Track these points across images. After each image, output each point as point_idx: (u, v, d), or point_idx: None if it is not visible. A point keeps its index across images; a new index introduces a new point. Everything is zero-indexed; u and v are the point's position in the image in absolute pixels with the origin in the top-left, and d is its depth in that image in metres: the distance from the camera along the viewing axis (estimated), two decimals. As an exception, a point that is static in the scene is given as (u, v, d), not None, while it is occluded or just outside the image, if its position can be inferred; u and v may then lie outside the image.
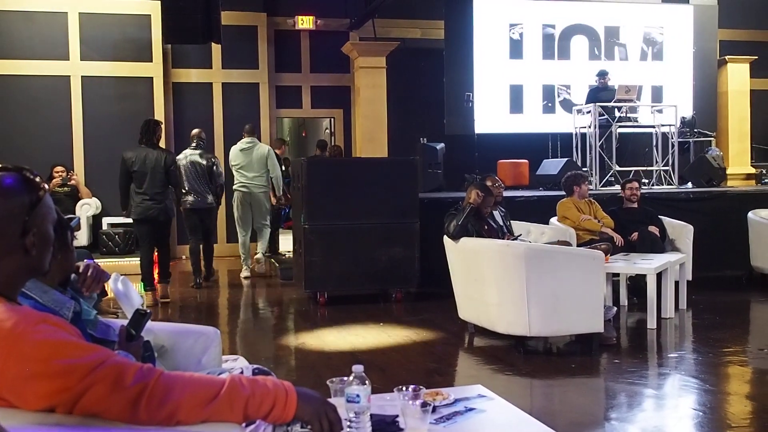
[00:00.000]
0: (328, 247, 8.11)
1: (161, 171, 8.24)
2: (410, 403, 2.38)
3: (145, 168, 8.21)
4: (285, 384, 1.85)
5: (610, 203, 8.82)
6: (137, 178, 8.23)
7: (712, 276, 9.00)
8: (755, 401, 4.96)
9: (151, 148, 8.31)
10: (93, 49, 12.29)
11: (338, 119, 14.21)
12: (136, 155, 8.25)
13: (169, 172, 8.32)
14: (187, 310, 8.35)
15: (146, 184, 8.20)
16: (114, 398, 1.65)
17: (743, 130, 14.86)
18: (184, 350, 3.09)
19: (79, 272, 2.62)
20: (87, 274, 2.62)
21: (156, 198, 8.23)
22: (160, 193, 8.27)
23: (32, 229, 1.79)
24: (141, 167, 8.21)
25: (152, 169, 8.20)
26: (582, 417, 4.62)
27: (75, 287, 2.57)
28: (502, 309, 5.97)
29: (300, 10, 13.56)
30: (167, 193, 8.41)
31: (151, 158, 8.23)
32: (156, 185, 8.23)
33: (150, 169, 8.20)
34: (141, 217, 8.28)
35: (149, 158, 8.22)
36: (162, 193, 8.29)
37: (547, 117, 13.58)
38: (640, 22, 14.08)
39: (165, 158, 8.32)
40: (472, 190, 6.51)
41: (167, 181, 8.33)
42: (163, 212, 8.31)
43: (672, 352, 6.30)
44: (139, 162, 8.21)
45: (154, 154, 8.26)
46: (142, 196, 8.22)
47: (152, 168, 8.21)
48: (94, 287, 2.64)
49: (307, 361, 6.14)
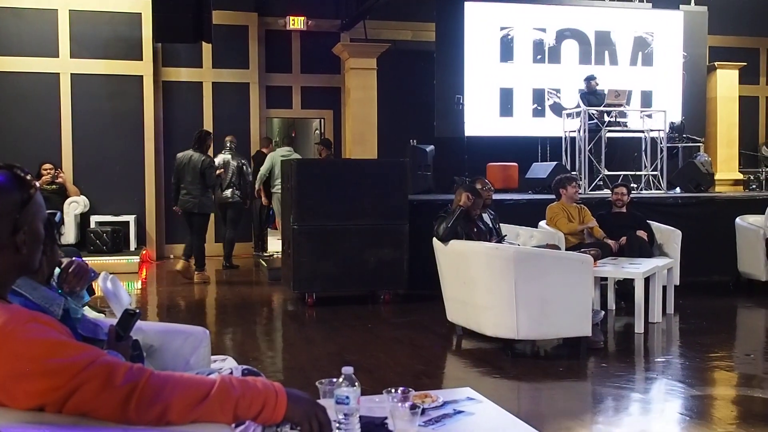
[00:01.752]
0: (317, 248, 8.10)
1: (198, 172, 9.68)
2: (399, 405, 2.38)
3: (186, 168, 9.74)
4: (275, 385, 1.85)
5: (599, 207, 8.85)
6: (181, 176, 9.80)
7: (700, 281, 9.03)
8: (741, 406, 4.98)
9: (196, 153, 9.79)
10: (83, 46, 12.24)
11: (328, 120, 14.21)
12: (182, 157, 9.87)
13: (204, 174, 9.72)
14: (176, 310, 8.33)
15: (186, 181, 9.73)
16: (104, 398, 1.64)
17: (731, 136, 14.94)
18: (173, 350, 3.08)
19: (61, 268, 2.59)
20: (69, 270, 2.60)
21: (192, 193, 9.74)
22: (197, 190, 9.71)
23: (23, 227, 1.79)
24: (184, 167, 9.76)
25: (191, 170, 9.70)
26: (569, 420, 4.62)
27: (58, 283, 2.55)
28: (491, 312, 5.97)
29: (291, 10, 13.55)
30: (204, 190, 9.80)
31: (192, 161, 9.73)
32: (193, 183, 9.71)
33: (190, 170, 9.71)
34: (181, 208, 9.93)
35: (192, 161, 9.73)
36: (198, 189, 9.73)
37: (537, 121, 13.61)
38: (631, 28, 14.13)
39: (202, 162, 9.75)
40: (461, 193, 6.52)
41: (204, 180, 9.71)
42: (197, 206, 9.77)
43: (659, 356, 6.32)
44: (183, 163, 9.78)
45: (195, 157, 9.75)
46: (183, 191, 9.80)
47: (191, 169, 9.70)
48: (75, 284, 2.61)
49: (295, 362, 6.13)
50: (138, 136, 12.47)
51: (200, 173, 9.70)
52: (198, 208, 9.80)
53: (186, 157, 9.81)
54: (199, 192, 9.73)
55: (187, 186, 9.74)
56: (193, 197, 9.74)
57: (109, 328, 2.36)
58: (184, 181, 9.77)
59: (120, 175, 12.35)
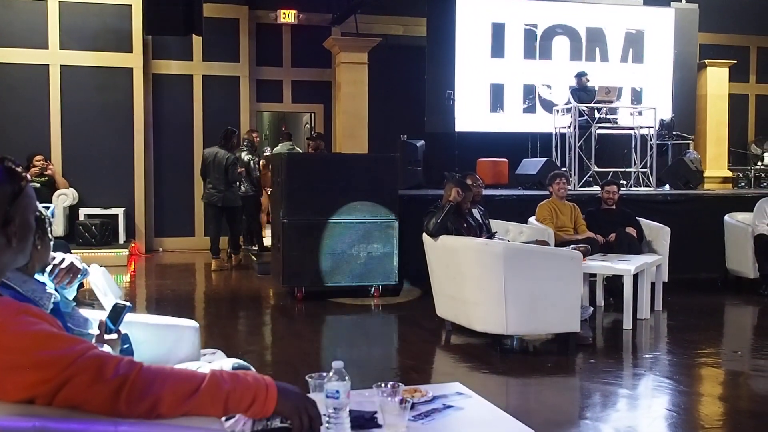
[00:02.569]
0: (306, 242, 8.09)
1: (222, 168, 10.19)
2: (389, 399, 2.38)
3: (212, 164, 10.28)
4: (265, 379, 1.85)
5: (589, 204, 8.88)
6: (207, 171, 10.37)
7: (688, 278, 9.07)
8: (728, 403, 5.02)
9: (222, 149, 10.32)
10: (72, 38, 12.18)
11: (319, 114, 14.19)
12: (208, 153, 10.46)
13: (227, 170, 10.20)
14: (165, 303, 8.31)
15: (211, 176, 10.29)
16: (94, 390, 1.64)
17: (721, 134, 14.98)
18: (163, 343, 3.08)
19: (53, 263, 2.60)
20: (60, 265, 2.60)
21: (217, 188, 10.26)
22: (221, 185, 10.23)
23: (14, 219, 1.78)
24: (210, 163, 10.32)
25: (217, 166, 10.23)
26: (557, 416, 4.65)
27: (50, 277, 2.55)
28: (480, 307, 5.98)
29: (282, 3, 13.51)
30: (228, 185, 10.29)
31: (217, 157, 10.27)
32: (218, 178, 10.24)
33: (215, 166, 10.24)
34: (206, 201, 10.59)
35: (217, 157, 10.26)
36: (223, 184, 10.23)
37: (528, 116, 13.62)
38: (622, 24, 14.14)
39: (226, 158, 10.26)
40: (451, 188, 6.50)
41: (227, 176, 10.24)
42: (222, 200, 10.30)
43: (647, 352, 6.35)
44: (209, 159, 10.34)
45: (221, 154, 10.28)
46: (209, 185, 10.37)
47: (217, 165, 10.23)
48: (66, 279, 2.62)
49: (284, 355, 6.13)
50: (127, 129, 12.42)
51: (224, 170, 10.20)
52: (222, 202, 10.32)
53: (212, 153, 10.36)
54: (224, 187, 10.25)
55: (213, 181, 10.28)
56: (218, 191, 10.26)
57: (99, 321, 2.35)
58: (210, 176, 10.32)
59: (109, 167, 12.30)
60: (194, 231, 12.98)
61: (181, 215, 12.93)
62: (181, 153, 12.93)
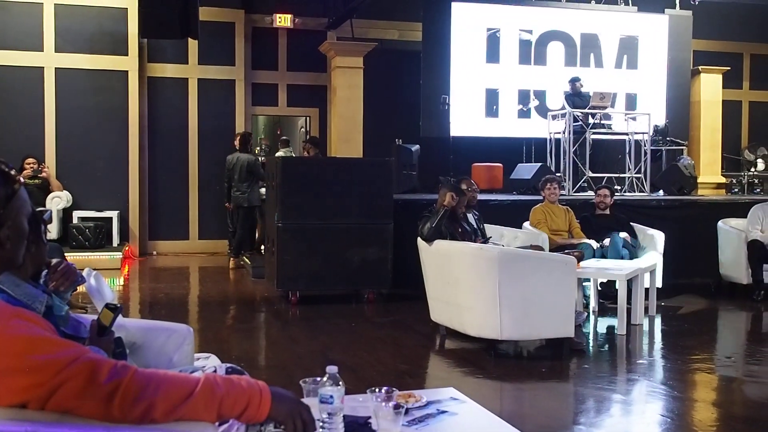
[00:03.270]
0: (301, 246, 8.08)
1: (245, 170, 10.84)
2: (383, 404, 2.38)
3: (235, 168, 10.90)
4: (259, 384, 1.84)
5: (583, 209, 8.89)
6: (231, 176, 10.94)
7: (682, 283, 9.08)
8: (722, 408, 5.02)
9: (243, 153, 10.99)
10: (68, 41, 12.16)
11: (314, 118, 14.20)
12: (231, 159, 11.03)
13: (252, 171, 10.87)
14: (159, 307, 8.29)
15: (235, 180, 10.91)
16: (88, 395, 1.63)
17: (714, 140, 15.04)
18: (156, 347, 3.06)
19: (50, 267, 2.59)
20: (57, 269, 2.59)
21: (242, 189, 10.93)
22: (245, 186, 10.90)
23: (6, 222, 1.77)
24: (233, 168, 10.92)
25: (240, 169, 10.86)
26: (551, 421, 4.64)
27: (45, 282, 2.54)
28: (474, 312, 5.98)
29: (278, 8, 13.52)
30: (251, 185, 10.95)
31: (240, 160, 10.90)
32: (242, 180, 10.89)
33: (238, 169, 10.86)
34: (234, 203, 11.08)
35: (240, 160, 10.89)
36: (246, 185, 10.90)
37: (522, 122, 13.64)
38: (616, 31, 14.19)
39: (248, 160, 10.94)
40: (445, 193, 6.50)
41: (251, 177, 10.89)
42: (246, 200, 10.96)
43: (641, 358, 6.35)
44: (232, 164, 10.96)
45: (243, 158, 10.93)
46: (234, 189, 10.97)
47: (240, 168, 10.85)
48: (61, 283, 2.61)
49: (278, 360, 6.12)
50: (122, 132, 12.39)
51: (247, 170, 10.84)
52: (247, 202, 10.98)
53: (234, 158, 10.98)
54: (247, 187, 10.92)
55: (237, 184, 10.93)
56: (242, 193, 10.93)
57: (91, 323, 2.34)
58: (233, 180, 10.93)
59: (104, 170, 12.28)
60: (188, 234, 12.98)
61: (175, 218, 12.92)
62: (176, 156, 12.93)
